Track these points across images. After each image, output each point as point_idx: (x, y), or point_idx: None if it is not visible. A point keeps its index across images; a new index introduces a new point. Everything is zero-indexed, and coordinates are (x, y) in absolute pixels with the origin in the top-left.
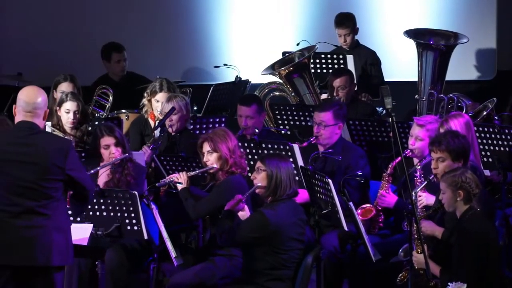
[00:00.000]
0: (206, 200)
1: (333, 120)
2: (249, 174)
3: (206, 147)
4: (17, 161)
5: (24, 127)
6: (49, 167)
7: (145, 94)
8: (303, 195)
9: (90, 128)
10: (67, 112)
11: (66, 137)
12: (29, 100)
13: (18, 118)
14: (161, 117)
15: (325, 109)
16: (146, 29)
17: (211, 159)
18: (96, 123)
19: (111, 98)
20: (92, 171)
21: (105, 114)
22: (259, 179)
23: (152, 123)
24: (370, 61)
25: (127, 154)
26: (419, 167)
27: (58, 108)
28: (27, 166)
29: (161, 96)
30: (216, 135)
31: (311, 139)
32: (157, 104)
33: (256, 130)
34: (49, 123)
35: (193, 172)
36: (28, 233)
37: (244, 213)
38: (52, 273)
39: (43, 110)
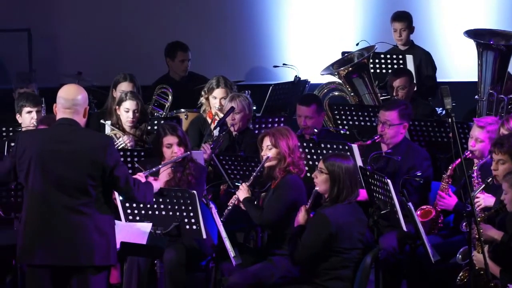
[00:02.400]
0: (270, 207)
1: (398, 119)
2: (308, 174)
3: (267, 141)
4: (57, 158)
5: (64, 124)
6: (89, 164)
7: (203, 93)
8: (362, 194)
9: (149, 127)
10: (127, 111)
11: (125, 136)
12: (67, 96)
13: (58, 116)
14: (219, 114)
15: (391, 108)
16: (206, 29)
17: (269, 154)
18: (155, 122)
19: (170, 97)
20: (153, 169)
21: (164, 113)
22: (320, 180)
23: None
24: (424, 62)
25: (188, 153)
26: (476, 167)
27: (117, 107)
28: (67, 163)
29: (218, 93)
30: (278, 132)
31: (375, 137)
32: (215, 101)
33: (315, 130)
34: (108, 122)
35: (251, 178)
36: (69, 232)
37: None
38: (92, 274)
39: (83, 107)
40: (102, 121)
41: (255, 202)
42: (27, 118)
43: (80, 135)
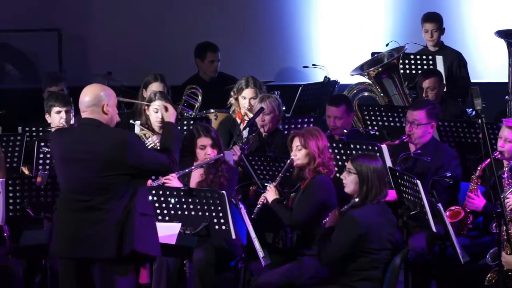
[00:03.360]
0: (300, 208)
1: (426, 118)
2: (337, 174)
3: (296, 142)
4: (78, 158)
5: (85, 124)
6: (108, 163)
7: (232, 93)
8: (391, 194)
9: (179, 128)
10: (156, 111)
11: (154, 136)
12: (83, 97)
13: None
14: (248, 114)
15: (418, 108)
16: (236, 29)
17: (298, 155)
18: (185, 122)
19: (200, 98)
20: (186, 170)
21: (194, 113)
22: (349, 181)
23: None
24: (456, 62)
25: (221, 155)
26: (506, 168)
27: (147, 107)
28: (87, 162)
29: (247, 93)
30: (308, 132)
31: (403, 137)
32: (244, 101)
33: (345, 131)
34: (137, 122)
35: (278, 179)
36: (91, 228)
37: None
38: (115, 266)
39: (99, 105)
40: (131, 121)
41: (284, 203)
42: (56, 118)
43: (100, 134)
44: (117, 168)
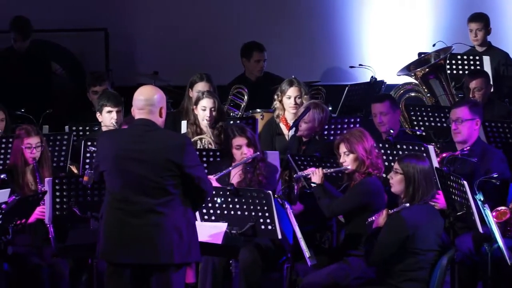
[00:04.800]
0: (342, 200)
1: (469, 114)
2: (384, 175)
3: (343, 148)
4: (135, 159)
5: (140, 125)
6: (166, 164)
7: (275, 96)
8: (441, 202)
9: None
10: (204, 109)
11: (203, 135)
12: (141, 97)
13: (135, 117)
14: (292, 112)
15: (461, 105)
16: (282, 29)
17: (347, 161)
18: (231, 122)
19: (246, 97)
20: (224, 171)
21: (240, 113)
22: (395, 181)
23: (283, 127)
24: (503, 63)
25: (258, 153)
26: None
27: (194, 106)
28: (145, 163)
29: (292, 91)
30: (353, 136)
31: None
32: (289, 101)
33: (392, 131)
34: (184, 122)
35: (329, 170)
36: (148, 232)
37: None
38: (172, 272)
39: (157, 107)
40: (183, 122)
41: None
42: (107, 117)
43: (156, 135)
44: (175, 169)
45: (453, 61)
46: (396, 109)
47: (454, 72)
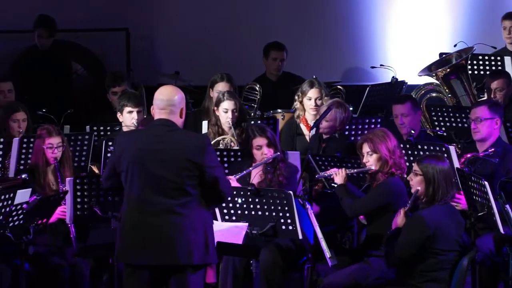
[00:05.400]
0: (364, 200)
1: (489, 113)
2: (405, 176)
3: (366, 148)
4: (154, 159)
5: (160, 125)
6: (186, 164)
7: (296, 97)
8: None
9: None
10: (225, 112)
11: (225, 136)
12: (162, 97)
13: (155, 117)
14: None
15: (480, 104)
16: (304, 29)
17: (370, 161)
18: (252, 122)
19: (259, 92)
20: (244, 171)
21: (255, 106)
22: (415, 182)
23: (304, 127)
24: None
25: (278, 153)
26: None
27: (215, 108)
28: (164, 163)
29: (312, 93)
30: (376, 136)
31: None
32: (310, 102)
33: (413, 132)
34: (205, 122)
35: (352, 170)
36: (166, 233)
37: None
38: (191, 273)
39: (178, 108)
40: (204, 122)
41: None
42: (128, 118)
43: (176, 136)
44: (195, 170)
45: (475, 62)
46: (417, 110)
47: (476, 72)
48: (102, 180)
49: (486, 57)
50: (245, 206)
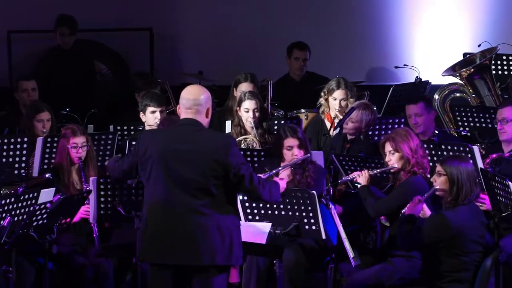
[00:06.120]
0: (387, 199)
1: None
2: (428, 176)
3: (388, 147)
4: (179, 158)
5: (186, 124)
6: (211, 164)
7: (322, 94)
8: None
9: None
10: (247, 111)
11: (247, 136)
12: (189, 96)
13: (181, 117)
14: (338, 115)
15: (506, 105)
16: (328, 29)
17: (393, 159)
18: (276, 122)
19: (270, 87)
20: (273, 171)
21: (266, 103)
22: (439, 183)
23: (328, 124)
24: None
25: (308, 155)
26: None
27: (238, 108)
28: (189, 163)
29: (338, 94)
30: (398, 135)
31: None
32: (334, 102)
33: (436, 132)
34: (228, 122)
35: (374, 171)
36: (191, 233)
37: (424, 213)
38: (214, 274)
39: (205, 107)
40: (227, 122)
41: None
42: (151, 118)
43: (202, 135)
44: (220, 170)
45: (498, 62)
46: (431, 110)
47: (499, 72)
48: (112, 168)
49: (510, 57)
50: (268, 206)
